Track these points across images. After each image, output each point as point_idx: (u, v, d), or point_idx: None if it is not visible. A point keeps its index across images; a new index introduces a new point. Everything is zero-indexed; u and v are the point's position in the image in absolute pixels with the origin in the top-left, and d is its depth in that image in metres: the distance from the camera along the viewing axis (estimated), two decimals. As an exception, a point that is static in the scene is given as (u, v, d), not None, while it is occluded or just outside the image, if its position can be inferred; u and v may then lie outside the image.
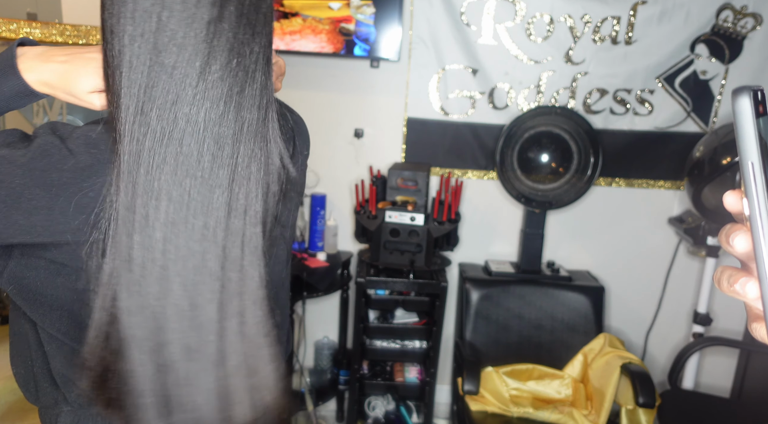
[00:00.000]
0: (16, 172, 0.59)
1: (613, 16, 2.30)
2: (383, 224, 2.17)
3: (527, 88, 2.40)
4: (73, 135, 0.62)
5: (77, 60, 0.67)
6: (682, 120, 2.41)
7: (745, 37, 2.32)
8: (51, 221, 0.61)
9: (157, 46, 0.59)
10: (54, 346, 0.71)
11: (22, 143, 0.61)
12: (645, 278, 2.57)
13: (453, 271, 2.55)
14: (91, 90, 0.67)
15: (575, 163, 2.31)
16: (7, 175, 0.59)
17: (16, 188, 0.59)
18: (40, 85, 0.67)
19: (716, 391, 2.41)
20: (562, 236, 2.55)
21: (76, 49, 0.68)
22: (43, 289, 0.66)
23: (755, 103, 0.35)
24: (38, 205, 0.60)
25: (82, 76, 0.67)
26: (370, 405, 2.40)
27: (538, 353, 2.28)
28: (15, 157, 0.60)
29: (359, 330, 2.25)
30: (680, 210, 2.50)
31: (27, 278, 0.66)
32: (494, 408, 2.07)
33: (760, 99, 0.35)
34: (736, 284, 0.36)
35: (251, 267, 0.66)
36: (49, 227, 0.61)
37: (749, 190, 0.35)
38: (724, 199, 0.38)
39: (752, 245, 0.35)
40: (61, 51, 0.68)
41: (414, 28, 2.34)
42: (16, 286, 0.66)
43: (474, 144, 2.45)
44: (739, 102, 0.35)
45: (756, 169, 0.35)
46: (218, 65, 0.60)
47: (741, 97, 0.35)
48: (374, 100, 2.43)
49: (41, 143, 0.61)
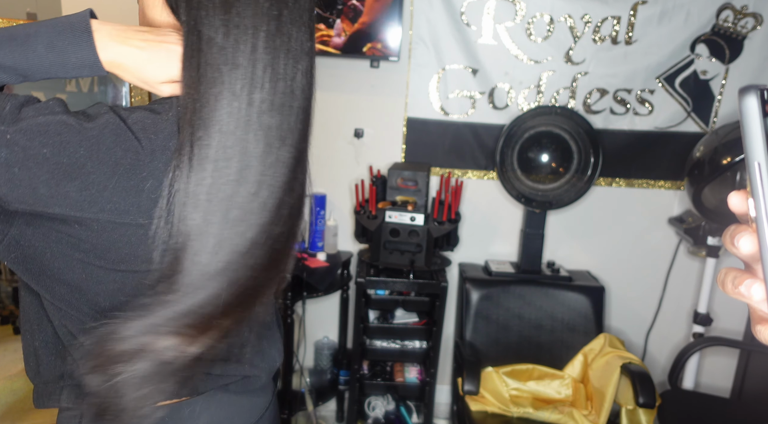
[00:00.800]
0: (82, 142, 0.58)
1: (613, 16, 2.30)
2: (383, 223, 2.17)
3: (527, 88, 2.40)
4: (131, 119, 0.62)
5: (156, 49, 0.66)
6: (683, 120, 2.41)
7: (745, 37, 2.32)
8: (102, 198, 0.60)
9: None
10: (60, 316, 0.69)
11: (81, 115, 0.60)
12: (645, 278, 2.57)
13: (453, 271, 2.55)
14: (165, 80, 0.67)
15: (575, 163, 2.31)
16: (72, 144, 0.58)
17: (79, 158, 0.58)
18: (111, 65, 0.65)
19: (716, 391, 2.41)
20: (562, 236, 2.55)
21: (152, 35, 0.66)
22: (51, 261, 0.64)
23: (762, 102, 0.34)
24: (95, 181, 0.59)
25: (161, 66, 0.66)
26: (370, 405, 2.40)
27: (538, 353, 2.28)
28: (83, 127, 0.59)
29: (359, 330, 2.25)
30: (680, 210, 2.50)
31: (34, 247, 0.64)
32: (494, 408, 2.07)
33: (766, 98, 0.34)
34: (741, 286, 0.36)
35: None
36: (97, 203, 0.60)
37: (755, 191, 0.34)
38: (728, 199, 0.37)
39: (758, 247, 0.35)
40: (137, 34, 0.66)
41: (414, 28, 2.34)
42: (20, 255, 0.64)
43: (474, 144, 2.45)
44: (745, 101, 0.34)
45: (763, 170, 0.34)
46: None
47: (748, 96, 0.34)
48: (374, 100, 2.43)
49: (109, 120, 0.60)
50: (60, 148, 0.57)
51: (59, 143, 0.57)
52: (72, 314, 0.69)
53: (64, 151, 0.57)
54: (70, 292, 0.67)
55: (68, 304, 0.68)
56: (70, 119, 0.58)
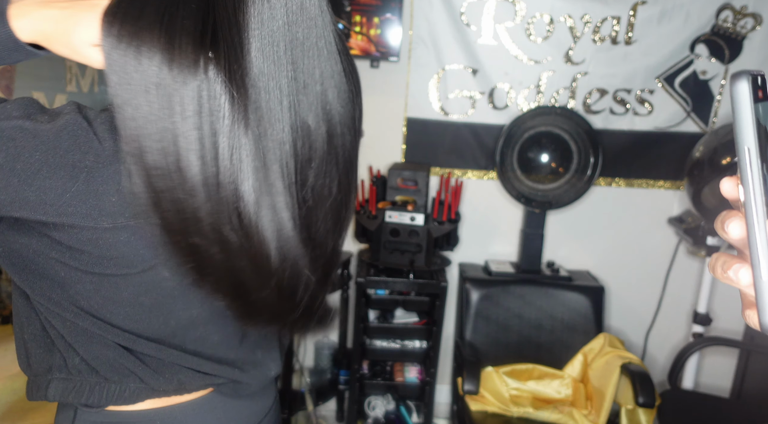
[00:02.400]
0: (38, 147, 0.56)
1: (613, 16, 2.30)
2: (383, 224, 2.17)
3: (527, 88, 2.40)
4: (98, 119, 0.59)
5: (81, 6, 0.59)
6: (682, 120, 2.41)
7: (744, 37, 2.32)
8: (62, 202, 0.58)
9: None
10: (44, 311, 0.69)
11: (44, 117, 0.57)
12: (645, 278, 2.57)
13: (453, 271, 2.55)
14: (94, 42, 0.59)
15: (575, 163, 2.31)
16: (27, 149, 0.55)
17: (34, 164, 0.56)
18: (33, 33, 0.59)
19: (716, 391, 2.41)
20: (562, 236, 2.55)
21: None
22: (33, 257, 0.64)
23: (755, 87, 0.34)
24: (53, 185, 0.57)
25: (85, 23, 0.58)
26: (370, 405, 2.40)
27: (538, 353, 2.28)
28: (39, 131, 0.56)
29: (359, 330, 2.25)
30: (680, 210, 2.50)
31: (16, 243, 0.63)
32: (494, 408, 2.08)
33: (760, 84, 0.34)
34: (730, 271, 0.36)
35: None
36: (57, 207, 0.58)
37: (744, 176, 0.34)
38: (720, 185, 0.37)
39: (746, 231, 0.35)
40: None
41: (414, 28, 2.34)
42: (4, 250, 0.63)
43: (474, 144, 2.45)
44: (737, 86, 0.34)
45: (752, 155, 0.34)
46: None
47: (740, 82, 0.34)
48: (374, 100, 2.43)
49: (69, 121, 0.57)
50: (14, 154, 0.55)
51: (13, 149, 0.55)
52: (54, 311, 0.68)
53: (18, 157, 0.55)
54: (52, 288, 0.66)
55: (50, 300, 0.67)
56: (26, 123, 0.56)
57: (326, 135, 0.67)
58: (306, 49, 0.62)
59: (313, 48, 0.63)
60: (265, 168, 0.60)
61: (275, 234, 0.63)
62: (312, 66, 0.63)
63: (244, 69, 0.57)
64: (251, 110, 0.58)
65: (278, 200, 0.62)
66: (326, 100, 0.66)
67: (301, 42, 0.62)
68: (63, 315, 0.68)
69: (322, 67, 0.65)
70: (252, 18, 0.58)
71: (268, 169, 0.60)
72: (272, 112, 0.60)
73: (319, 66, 0.64)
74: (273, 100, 0.60)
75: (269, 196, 0.61)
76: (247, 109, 0.58)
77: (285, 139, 0.61)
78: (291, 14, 0.60)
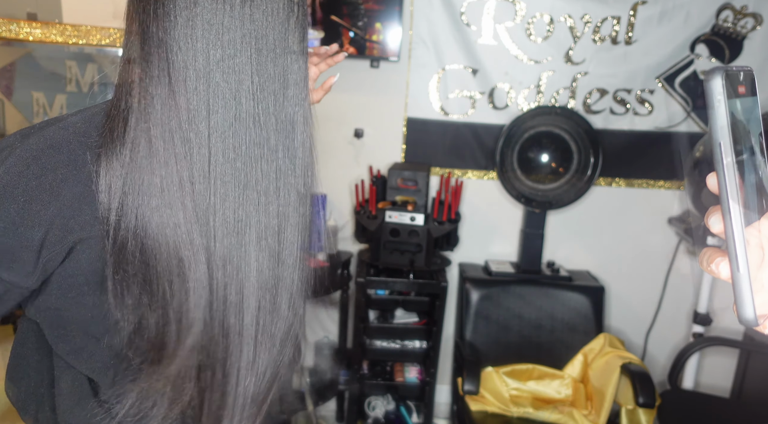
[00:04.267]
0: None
1: (613, 16, 2.30)
2: (383, 224, 2.17)
3: (527, 88, 2.40)
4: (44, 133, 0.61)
5: None
6: (682, 120, 2.41)
7: (745, 37, 2.32)
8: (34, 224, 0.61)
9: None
10: (61, 371, 0.70)
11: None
12: (645, 278, 2.57)
13: (453, 271, 2.55)
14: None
15: (575, 163, 2.31)
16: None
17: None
18: None
19: (716, 391, 2.41)
20: (562, 236, 2.55)
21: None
22: (66, 311, 0.66)
23: (734, 84, 0.35)
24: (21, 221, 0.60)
25: None
26: (370, 405, 2.40)
27: (538, 353, 2.28)
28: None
29: (359, 330, 2.25)
30: (680, 210, 2.50)
31: (60, 309, 0.65)
32: (494, 408, 2.08)
33: (741, 80, 0.35)
34: (712, 264, 0.37)
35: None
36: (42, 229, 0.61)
37: (718, 171, 0.35)
38: (707, 180, 0.38)
39: (723, 225, 0.35)
40: None
41: (414, 28, 2.34)
42: (50, 316, 0.66)
43: (474, 144, 2.45)
44: (710, 83, 0.35)
45: (724, 150, 0.35)
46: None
47: (713, 79, 0.35)
48: (374, 100, 2.43)
49: (9, 168, 0.60)
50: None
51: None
52: (74, 367, 0.69)
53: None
54: (73, 336, 0.67)
55: (73, 352, 0.68)
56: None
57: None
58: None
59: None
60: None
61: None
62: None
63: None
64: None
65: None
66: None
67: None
68: (79, 369, 0.69)
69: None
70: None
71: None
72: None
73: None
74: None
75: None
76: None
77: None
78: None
